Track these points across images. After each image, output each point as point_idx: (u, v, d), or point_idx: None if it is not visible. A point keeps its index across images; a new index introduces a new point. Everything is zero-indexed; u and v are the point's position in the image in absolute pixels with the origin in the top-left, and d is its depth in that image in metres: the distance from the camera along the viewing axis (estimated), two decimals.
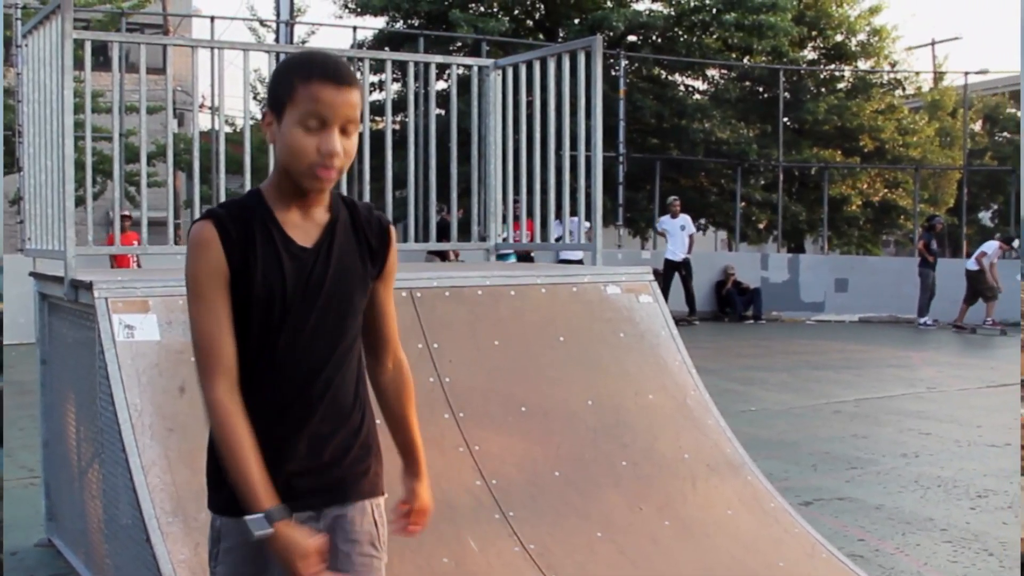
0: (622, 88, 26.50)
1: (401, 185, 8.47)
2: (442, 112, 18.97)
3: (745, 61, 31.69)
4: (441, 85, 26.44)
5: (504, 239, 8.61)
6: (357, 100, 2.82)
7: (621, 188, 26.09)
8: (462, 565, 5.05)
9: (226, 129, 26.61)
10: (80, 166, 6.81)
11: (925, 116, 36.02)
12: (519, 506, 5.43)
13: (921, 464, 9.60)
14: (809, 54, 34.03)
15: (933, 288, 23.65)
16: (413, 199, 8.07)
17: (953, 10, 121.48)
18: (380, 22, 31.65)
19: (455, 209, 8.58)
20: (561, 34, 29.86)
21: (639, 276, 6.86)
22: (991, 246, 23.61)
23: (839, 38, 33.12)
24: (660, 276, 20.59)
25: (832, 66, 33.38)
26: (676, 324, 6.81)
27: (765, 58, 31.06)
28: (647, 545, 5.50)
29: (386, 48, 27.32)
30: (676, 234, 23.25)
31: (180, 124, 36.99)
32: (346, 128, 2.80)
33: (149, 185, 8.14)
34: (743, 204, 29.74)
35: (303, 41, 28.98)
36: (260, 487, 2.74)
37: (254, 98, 28.92)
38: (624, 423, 6.06)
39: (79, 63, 6.51)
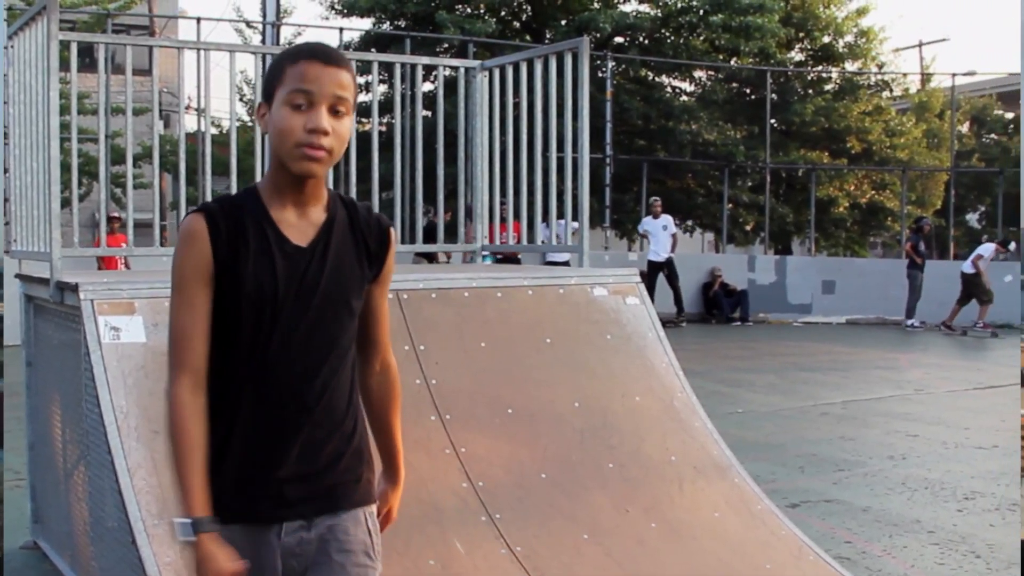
0: (609, 89, 26.53)
1: (388, 187, 8.46)
2: (429, 114, 18.97)
3: (732, 62, 31.73)
4: (428, 87, 26.45)
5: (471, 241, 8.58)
6: (347, 81, 2.76)
7: (608, 190, 26.11)
8: (448, 567, 5.05)
9: (212, 131, 26.60)
10: (66, 168, 6.78)
11: (912, 118, 36.10)
12: (506, 508, 5.43)
13: (908, 466, 9.61)
14: (796, 55, 34.07)
15: (920, 290, 23.62)
16: (400, 201, 8.06)
17: (940, 12, 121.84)
18: (367, 23, 31.67)
19: (442, 211, 8.57)
20: (548, 35, 29.85)
21: (626, 278, 6.86)
22: (987, 248, 23.48)
23: (826, 39, 33.14)
24: (644, 278, 20.57)
25: (819, 68, 33.41)
26: (663, 326, 6.81)
27: (752, 59, 31.09)
28: (634, 547, 5.50)
29: (372, 50, 27.30)
30: (658, 234, 23.23)
31: (166, 126, 36.93)
32: (336, 108, 2.74)
33: (135, 187, 8.10)
34: (730, 206, 29.74)
35: (289, 42, 28.93)
36: (197, 493, 2.70)
37: (240, 99, 28.89)
38: (611, 425, 6.05)
39: (65, 64, 6.49)
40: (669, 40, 30.74)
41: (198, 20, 23.66)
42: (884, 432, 11.31)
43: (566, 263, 15.36)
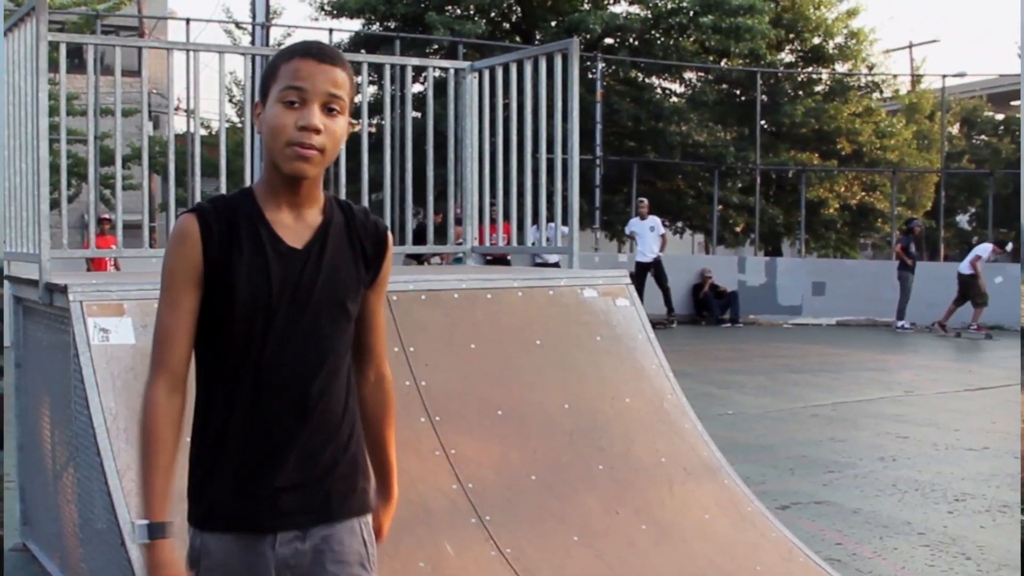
0: (599, 91, 26.52)
1: (377, 188, 8.45)
2: (418, 115, 18.96)
3: (722, 64, 31.77)
4: (417, 88, 26.44)
5: (459, 243, 8.56)
6: (341, 79, 2.73)
7: (598, 191, 26.11)
8: (438, 569, 5.04)
9: (202, 132, 26.54)
10: (55, 169, 6.77)
11: (903, 119, 36.11)
12: (495, 510, 5.42)
13: (899, 468, 9.61)
14: (786, 57, 34.11)
15: (910, 291, 23.57)
16: (389, 202, 8.05)
17: (930, 13, 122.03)
18: (356, 24, 31.69)
19: (431, 213, 8.56)
20: (538, 36, 29.87)
21: (616, 279, 6.85)
22: (985, 249, 23.30)
23: (816, 41, 33.17)
24: (633, 279, 20.55)
25: (809, 69, 33.44)
26: (653, 327, 6.81)
27: (742, 61, 31.12)
28: (624, 549, 5.49)
29: (362, 51, 27.27)
30: (645, 235, 23.18)
31: (155, 127, 36.88)
32: (330, 107, 2.70)
33: (124, 188, 8.10)
34: (720, 207, 29.76)
35: (279, 43, 28.90)
36: (159, 497, 2.66)
37: (229, 100, 28.85)
38: (601, 427, 6.05)
39: (54, 65, 6.48)
40: (659, 41, 30.81)
41: (187, 21, 23.63)
42: (874, 434, 11.32)
43: (556, 264, 15.36)
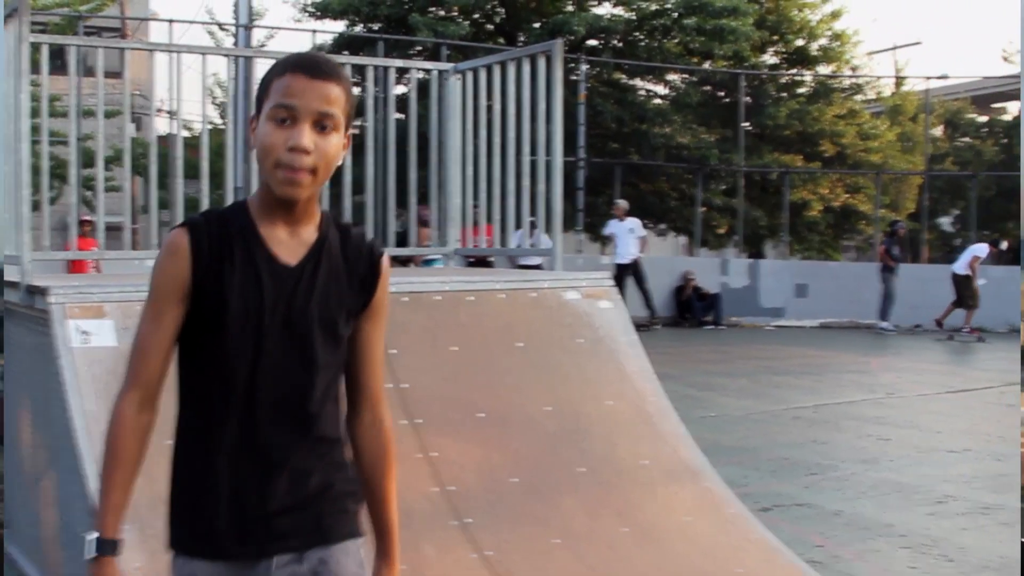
0: (582, 92, 26.52)
1: (359, 190, 8.44)
2: (402, 116, 18.94)
3: (706, 65, 31.78)
4: (401, 89, 26.44)
5: (427, 245, 8.54)
6: (334, 95, 2.60)
7: (581, 193, 26.10)
8: (419, 572, 5.03)
9: (184, 133, 26.51)
10: (36, 170, 6.74)
11: (886, 121, 36.16)
12: (477, 513, 5.42)
13: (880, 470, 9.63)
14: (770, 59, 34.09)
15: (894, 293, 23.57)
16: (372, 204, 8.04)
17: (913, 16, 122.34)
18: (340, 26, 31.62)
19: (414, 215, 8.55)
20: (521, 38, 29.84)
21: (599, 281, 6.86)
22: (982, 249, 23.03)
23: (800, 43, 33.18)
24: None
25: (793, 71, 33.46)
26: (636, 329, 6.81)
27: (726, 63, 31.13)
28: (605, 552, 5.49)
29: (344, 52, 27.23)
30: (624, 237, 23.09)
31: (138, 129, 36.79)
32: (322, 124, 2.59)
33: (106, 190, 8.06)
34: (703, 209, 29.78)
35: (261, 45, 28.87)
36: (113, 514, 2.64)
37: (212, 102, 28.80)
38: (583, 429, 6.05)
39: (36, 67, 6.46)
40: (643, 43, 30.79)
41: (170, 22, 23.62)
42: (856, 436, 11.34)
43: (539, 266, 15.35)
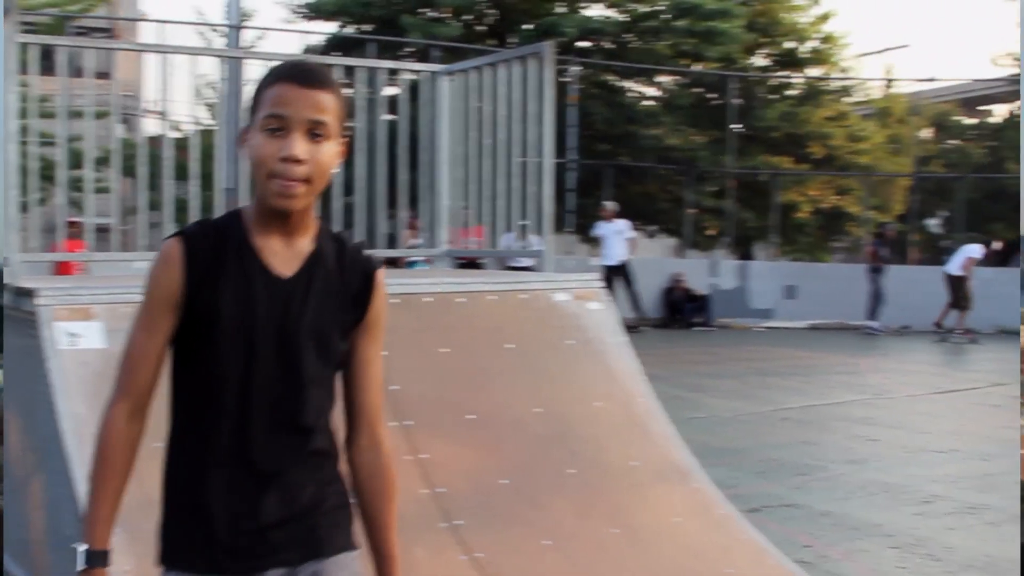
0: (573, 94, 26.50)
1: (348, 192, 8.43)
2: (395, 117, 18.92)
3: (696, 67, 31.80)
4: (392, 91, 26.38)
5: (410, 246, 8.53)
6: (326, 103, 2.55)
7: (572, 194, 26.09)
8: (409, 574, 5.02)
9: (174, 134, 26.44)
10: (25, 172, 6.73)
11: (875, 123, 36.21)
12: (467, 515, 5.42)
13: (868, 470, 9.64)
14: (760, 61, 34.13)
15: (882, 294, 23.58)
16: (365, 206, 8.03)
17: (902, 19, 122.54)
18: (331, 27, 31.60)
19: (403, 217, 8.54)
20: (513, 40, 29.84)
21: (589, 283, 6.86)
22: (977, 249, 23.04)
23: (790, 45, 33.23)
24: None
25: (783, 73, 33.48)
26: (625, 331, 6.81)
27: (716, 65, 31.15)
28: (595, 553, 5.49)
29: (333, 53, 27.20)
30: (612, 239, 23.03)
31: (128, 130, 36.73)
32: (314, 132, 2.54)
33: (95, 191, 8.06)
34: (693, 210, 29.79)
35: (251, 45, 28.86)
36: (102, 525, 2.65)
37: (202, 103, 28.74)
38: (572, 431, 6.05)
39: (24, 67, 6.45)
40: (633, 45, 30.80)
41: (160, 23, 23.57)
42: (844, 437, 11.36)
43: (528, 268, 15.35)
